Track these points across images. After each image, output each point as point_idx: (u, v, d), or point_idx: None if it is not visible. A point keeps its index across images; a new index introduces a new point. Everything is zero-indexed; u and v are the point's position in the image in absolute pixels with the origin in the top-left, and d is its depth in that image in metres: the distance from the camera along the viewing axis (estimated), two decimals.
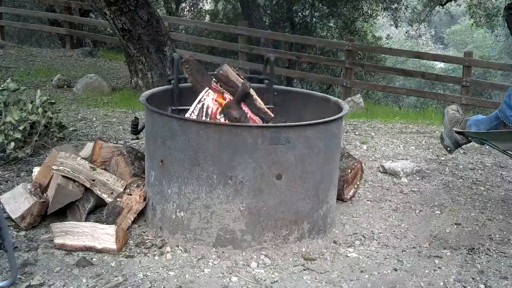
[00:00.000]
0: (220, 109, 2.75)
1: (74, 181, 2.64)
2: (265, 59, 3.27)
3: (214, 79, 2.79)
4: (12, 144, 3.33)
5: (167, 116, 2.55)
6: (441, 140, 3.37)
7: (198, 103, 2.77)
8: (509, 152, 3.14)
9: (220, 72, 2.77)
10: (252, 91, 2.81)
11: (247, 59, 9.97)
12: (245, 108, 2.75)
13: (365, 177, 3.55)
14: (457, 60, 10.27)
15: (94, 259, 2.32)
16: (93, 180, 2.67)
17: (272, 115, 2.91)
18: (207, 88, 2.80)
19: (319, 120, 2.55)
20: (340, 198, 3.05)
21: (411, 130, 5.16)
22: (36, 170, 3.02)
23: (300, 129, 2.46)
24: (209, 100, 2.77)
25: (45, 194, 2.70)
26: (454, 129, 3.22)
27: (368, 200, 3.23)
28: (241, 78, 2.82)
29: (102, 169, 2.82)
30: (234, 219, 2.43)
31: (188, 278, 2.22)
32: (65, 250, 2.37)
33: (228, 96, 2.78)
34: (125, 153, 2.86)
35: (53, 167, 2.66)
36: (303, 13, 14.22)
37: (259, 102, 2.88)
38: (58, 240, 2.38)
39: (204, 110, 2.75)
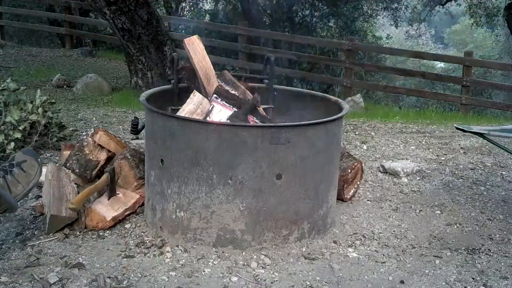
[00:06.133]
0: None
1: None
2: (265, 59, 3.27)
3: (214, 95, 2.79)
4: (12, 144, 3.33)
5: (167, 116, 2.55)
6: None
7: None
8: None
9: (219, 86, 2.79)
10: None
11: (247, 59, 9.96)
12: (251, 119, 2.77)
13: (365, 177, 3.55)
14: (457, 60, 10.27)
15: (93, 261, 2.32)
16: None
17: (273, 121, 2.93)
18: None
19: (319, 120, 2.55)
20: (340, 198, 3.05)
21: (411, 130, 5.16)
22: None
23: (300, 129, 2.46)
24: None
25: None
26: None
27: (368, 200, 3.23)
28: (245, 87, 2.84)
29: None
30: (234, 219, 2.43)
31: (188, 278, 2.22)
32: None
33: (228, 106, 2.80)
34: (129, 157, 2.82)
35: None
36: (303, 13, 14.20)
37: (262, 111, 2.90)
38: None
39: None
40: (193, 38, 2.80)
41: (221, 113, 2.76)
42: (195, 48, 2.79)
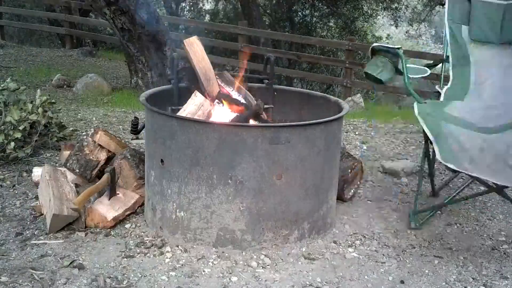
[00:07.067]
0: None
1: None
2: (265, 59, 3.27)
3: (217, 100, 2.80)
4: (12, 144, 3.33)
5: (167, 116, 2.55)
6: None
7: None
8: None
9: (221, 90, 2.79)
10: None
11: (247, 59, 9.95)
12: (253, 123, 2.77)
13: (365, 177, 3.55)
14: None
15: (93, 261, 2.32)
16: None
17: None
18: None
19: (319, 120, 2.55)
20: (340, 198, 3.05)
21: (411, 130, 5.15)
22: (36, 170, 3.02)
23: (300, 129, 2.46)
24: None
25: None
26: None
27: (368, 200, 3.23)
28: (246, 88, 2.84)
29: None
30: (234, 219, 2.43)
31: (188, 278, 2.22)
32: None
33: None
34: (129, 157, 2.83)
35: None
36: (303, 12, 14.20)
37: (265, 116, 2.90)
38: None
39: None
40: (192, 39, 2.80)
41: (222, 115, 2.76)
42: (195, 49, 2.79)
